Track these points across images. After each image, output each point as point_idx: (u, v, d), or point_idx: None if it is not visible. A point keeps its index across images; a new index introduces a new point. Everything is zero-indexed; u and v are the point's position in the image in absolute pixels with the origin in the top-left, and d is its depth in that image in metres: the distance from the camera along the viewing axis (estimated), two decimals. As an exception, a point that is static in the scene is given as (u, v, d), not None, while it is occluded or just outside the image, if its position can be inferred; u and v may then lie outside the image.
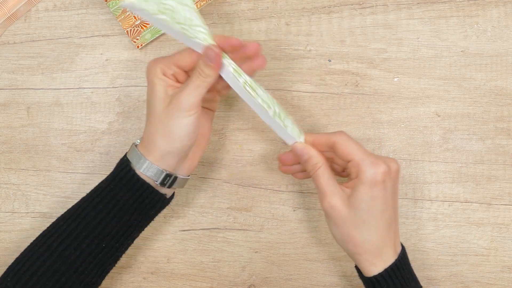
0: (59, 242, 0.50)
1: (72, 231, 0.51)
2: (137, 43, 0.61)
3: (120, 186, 0.51)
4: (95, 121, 0.62)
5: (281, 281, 0.61)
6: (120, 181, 0.51)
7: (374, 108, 0.60)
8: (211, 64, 0.47)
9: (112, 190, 0.51)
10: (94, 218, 0.51)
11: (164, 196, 0.53)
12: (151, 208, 0.52)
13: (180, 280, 0.62)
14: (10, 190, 0.63)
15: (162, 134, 0.49)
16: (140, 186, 0.50)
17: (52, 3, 0.63)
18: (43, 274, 0.49)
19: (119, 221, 0.51)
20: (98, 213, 0.51)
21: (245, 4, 0.61)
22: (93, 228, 0.50)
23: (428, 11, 0.60)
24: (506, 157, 0.59)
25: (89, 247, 0.50)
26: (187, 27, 0.47)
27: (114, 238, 0.51)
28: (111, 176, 0.52)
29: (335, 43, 0.60)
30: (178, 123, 0.48)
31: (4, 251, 0.63)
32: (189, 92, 0.48)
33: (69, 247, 0.50)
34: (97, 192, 0.52)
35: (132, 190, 0.51)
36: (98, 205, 0.51)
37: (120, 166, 0.52)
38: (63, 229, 0.51)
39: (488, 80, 0.59)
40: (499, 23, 0.59)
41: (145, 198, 0.51)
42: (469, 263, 0.59)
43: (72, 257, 0.50)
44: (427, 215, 0.60)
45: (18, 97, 0.63)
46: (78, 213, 0.51)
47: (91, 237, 0.50)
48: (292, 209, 0.61)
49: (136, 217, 0.52)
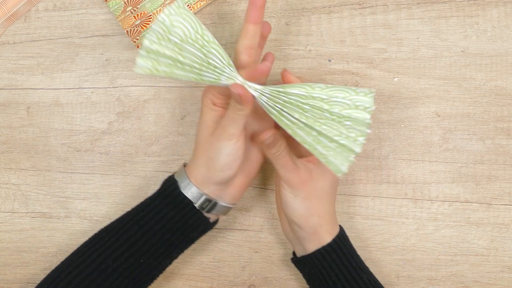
0: (98, 254, 0.50)
1: (113, 243, 0.51)
2: (137, 43, 0.61)
3: (165, 203, 0.51)
4: (95, 121, 0.62)
5: (281, 281, 0.61)
6: (166, 198, 0.51)
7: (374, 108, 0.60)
8: (239, 101, 0.47)
9: (157, 206, 0.51)
10: (135, 232, 0.51)
11: (207, 220, 0.52)
12: (194, 229, 0.52)
13: (180, 280, 0.62)
14: (10, 190, 0.63)
15: (204, 160, 0.50)
16: (185, 205, 0.51)
17: (52, 3, 0.63)
18: (79, 284, 0.49)
19: (160, 239, 0.51)
20: (140, 228, 0.51)
21: (245, 4, 0.61)
22: (133, 242, 0.50)
23: (428, 11, 0.60)
24: (506, 157, 0.59)
25: (127, 261, 0.50)
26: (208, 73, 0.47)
27: (153, 256, 0.51)
28: (157, 193, 0.52)
29: (335, 43, 0.60)
30: (217, 151, 0.49)
31: (4, 251, 0.63)
32: (226, 123, 0.49)
33: (107, 259, 0.50)
34: (142, 207, 0.52)
35: (177, 208, 0.51)
36: (141, 220, 0.51)
37: (167, 183, 0.52)
38: (105, 241, 0.51)
39: (488, 80, 0.59)
40: (499, 23, 0.59)
41: (189, 218, 0.51)
42: (469, 263, 0.59)
43: (109, 270, 0.50)
44: (427, 215, 0.60)
45: (18, 97, 0.63)
46: (121, 226, 0.52)
47: (131, 252, 0.50)
48: (292, 209, 0.61)
49: (178, 236, 0.51)
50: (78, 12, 0.63)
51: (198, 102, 0.62)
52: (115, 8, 0.61)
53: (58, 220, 0.63)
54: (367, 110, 0.47)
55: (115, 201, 0.62)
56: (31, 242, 0.63)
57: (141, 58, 0.46)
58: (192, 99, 0.62)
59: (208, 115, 0.51)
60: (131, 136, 0.62)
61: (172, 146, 0.62)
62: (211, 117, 0.51)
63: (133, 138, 0.62)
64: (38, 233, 0.63)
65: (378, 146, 0.60)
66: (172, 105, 0.62)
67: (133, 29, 0.61)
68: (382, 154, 0.60)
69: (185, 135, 0.62)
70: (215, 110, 0.51)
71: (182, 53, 0.46)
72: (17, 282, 0.63)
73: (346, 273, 0.51)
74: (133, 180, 0.62)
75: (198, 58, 0.47)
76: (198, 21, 0.47)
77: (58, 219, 0.63)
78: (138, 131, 0.62)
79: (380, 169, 0.60)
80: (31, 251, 0.62)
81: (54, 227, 0.62)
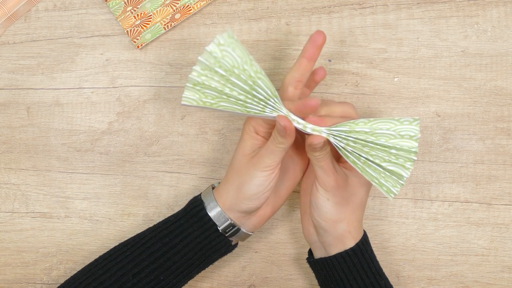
0: (119, 267, 0.50)
1: (134, 258, 0.51)
2: (137, 43, 0.61)
3: (190, 223, 0.51)
4: (95, 121, 0.62)
5: (281, 281, 0.61)
6: (192, 218, 0.51)
7: (374, 108, 0.60)
8: (283, 134, 0.47)
9: (182, 225, 0.51)
10: (158, 249, 0.51)
11: (230, 242, 0.53)
12: (216, 251, 0.52)
13: (180, 280, 0.62)
14: (10, 190, 0.63)
15: (235, 186, 0.50)
16: (210, 226, 0.51)
17: (52, 3, 0.63)
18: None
19: (182, 257, 0.51)
20: (163, 245, 0.51)
21: (245, 4, 0.61)
22: (155, 259, 0.50)
23: (428, 11, 0.60)
24: (506, 157, 0.59)
25: (147, 277, 0.50)
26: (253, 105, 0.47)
27: (174, 274, 0.51)
28: (182, 212, 0.53)
29: (335, 43, 0.60)
30: (250, 180, 0.49)
31: (4, 251, 0.63)
32: (264, 154, 0.49)
33: (127, 274, 0.50)
34: (166, 224, 0.52)
35: (202, 229, 0.51)
36: (165, 238, 0.51)
37: (193, 203, 0.52)
38: (126, 255, 0.51)
39: (488, 80, 0.59)
40: (499, 23, 0.59)
41: (213, 240, 0.51)
42: (469, 263, 0.59)
43: (128, 284, 0.50)
44: (427, 215, 0.60)
45: (18, 97, 0.63)
46: (143, 242, 0.52)
47: (152, 268, 0.50)
48: (292, 209, 0.61)
49: (200, 256, 0.52)
50: (78, 12, 0.63)
51: (198, 102, 0.62)
52: (115, 8, 0.61)
53: (58, 220, 0.63)
54: (413, 139, 0.47)
55: (115, 201, 0.62)
56: (31, 242, 0.63)
57: (188, 91, 0.47)
58: (192, 99, 0.62)
59: (248, 142, 0.51)
60: (131, 136, 0.62)
61: (172, 146, 0.62)
62: (251, 145, 0.51)
63: (133, 138, 0.62)
64: (38, 233, 0.63)
65: (378, 146, 0.60)
66: (172, 105, 0.62)
67: (133, 29, 0.61)
68: (382, 154, 0.60)
69: (185, 135, 0.62)
70: (256, 139, 0.51)
71: (227, 85, 0.46)
72: (17, 282, 0.63)
73: (365, 277, 0.51)
74: (133, 180, 0.62)
75: (243, 90, 0.47)
76: (246, 51, 0.47)
77: (58, 219, 0.63)
78: (138, 131, 0.62)
79: (380, 169, 0.60)
80: (31, 251, 0.62)
81: (54, 227, 0.62)
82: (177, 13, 0.61)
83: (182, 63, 0.62)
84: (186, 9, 0.61)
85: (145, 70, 0.62)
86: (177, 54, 0.62)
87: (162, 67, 0.62)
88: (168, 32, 0.62)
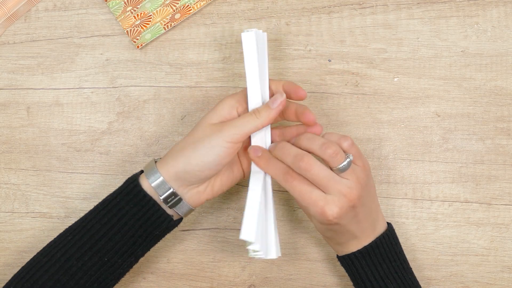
0: (62, 253, 0.50)
1: (76, 242, 0.50)
2: (137, 43, 0.61)
3: (126, 200, 0.51)
4: (95, 121, 0.62)
5: (281, 281, 0.61)
6: (127, 195, 0.51)
7: (374, 108, 0.60)
8: (272, 107, 0.48)
9: (118, 203, 0.51)
10: (98, 231, 0.50)
11: (170, 217, 0.52)
12: (156, 227, 0.52)
13: (180, 280, 0.62)
14: (10, 190, 0.63)
15: (188, 152, 0.49)
16: (147, 202, 0.50)
17: (52, 3, 0.63)
18: (44, 284, 0.49)
19: (123, 236, 0.50)
20: (102, 226, 0.50)
21: (245, 4, 0.61)
22: (96, 241, 0.50)
23: (428, 11, 0.60)
24: (506, 157, 0.59)
25: (91, 260, 0.50)
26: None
27: (117, 254, 0.51)
28: (118, 190, 0.52)
29: (335, 43, 0.60)
30: (211, 146, 0.48)
31: (4, 251, 0.63)
32: (235, 124, 0.49)
33: (71, 258, 0.50)
34: (104, 204, 0.52)
35: (138, 205, 0.50)
36: (103, 218, 0.51)
37: (129, 180, 0.52)
38: (68, 240, 0.51)
39: (488, 80, 0.59)
40: (499, 23, 0.59)
41: (151, 215, 0.51)
42: (469, 263, 0.59)
43: (73, 269, 0.50)
44: (427, 215, 0.60)
45: (18, 97, 0.63)
46: (84, 225, 0.51)
47: (94, 250, 0.50)
48: (292, 209, 0.61)
49: (141, 234, 0.51)
50: (78, 12, 0.63)
51: (198, 102, 0.62)
52: (115, 8, 0.61)
53: (58, 220, 0.63)
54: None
55: (115, 201, 0.62)
56: (31, 242, 0.63)
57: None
58: (192, 99, 0.62)
59: (221, 112, 0.50)
60: (131, 136, 0.62)
61: (172, 146, 0.62)
62: (220, 116, 0.50)
63: (133, 138, 0.62)
64: (38, 233, 0.63)
65: (378, 146, 0.60)
66: (172, 105, 0.62)
67: (133, 29, 0.61)
68: (382, 154, 0.60)
69: (185, 135, 0.62)
70: (230, 114, 0.51)
71: None
72: (17, 282, 0.63)
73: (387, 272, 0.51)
74: (133, 180, 0.62)
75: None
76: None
77: (58, 219, 0.63)
78: (138, 131, 0.62)
79: (380, 169, 0.60)
80: (31, 251, 0.62)
81: (54, 227, 0.62)
82: (177, 13, 0.61)
83: (182, 63, 0.62)
84: (186, 9, 0.61)
85: (145, 70, 0.62)
86: (177, 54, 0.62)
87: (162, 67, 0.62)
88: (168, 32, 0.62)
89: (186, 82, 0.62)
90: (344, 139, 0.49)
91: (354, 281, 0.54)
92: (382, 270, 0.51)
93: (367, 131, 0.60)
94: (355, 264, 0.52)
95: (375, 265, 0.51)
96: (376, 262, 0.51)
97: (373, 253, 0.51)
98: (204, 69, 0.62)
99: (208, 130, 0.49)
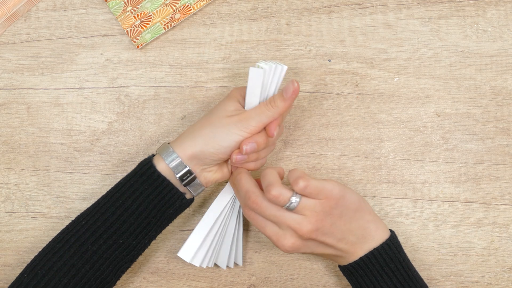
0: (76, 238, 0.51)
1: (90, 226, 0.51)
2: (137, 43, 0.61)
3: (140, 182, 0.52)
4: (95, 121, 0.62)
5: (281, 281, 0.61)
6: (141, 176, 0.52)
7: (374, 108, 0.60)
8: (285, 97, 0.50)
9: (132, 185, 0.52)
10: (113, 213, 0.51)
11: (183, 195, 0.53)
12: (170, 206, 0.53)
13: (179, 280, 0.62)
14: (10, 190, 0.63)
15: (205, 135, 0.51)
16: (161, 182, 0.51)
17: (52, 3, 0.63)
18: (59, 269, 0.50)
19: (138, 217, 0.51)
20: (117, 208, 0.51)
21: (245, 4, 0.61)
22: (111, 223, 0.51)
23: (428, 11, 0.60)
24: (506, 157, 0.59)
25: (106, 243, 0.51)
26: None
27: (132, 235, 0.51)
28: (132, 172, 0.53)
29: (335, 43, 0.60)
30: (228, 133, 0.51)
31: (4, 251, 0.63)
32: (252, 115, 0.51)
33: (86, 243, 0.50)
34: (117, 187, 0.53)
35: (153, 186, 0.51)
36: (118, 201, 0.51)
37: (142, 163, 0.53)
38: (82, 224, 0.51)
39: (488, 80, 0.59)
40: (499, 23, 0.59)
41: (165, 195, 0.52)
42: (469, 263, 0.59)
43: (88, 253, 0.50)
44: (427, 215, 0.60)
45: (18, 97, 0.63)
46: (97, 209, 0.52)
47: (109, 233, 0.51)
48: (292, 209, 0.61)
49: (155, 214, 0.52)
50: (78, 12, 0.63)
51: (198, 102, 0.62)
52: (115, 8, 0.61)
53: (58, 220, 0.63)
54: None
55: (115, 201, 0.62)
56: (31, 242, 0.63)
57: None
58: (192, 99, 0.62)
59: (233, 103, 0.52)
60: (131, 136, 0.62)
61: (172, 146, 0.62)
62: (234, 106, 0.52)
63: (133, 138, 0.62)
64: (38, 233, 0.63)
65: (378, 146, 0.60)
66: (172, 105, 0.62)
67: (133, 29, 0.61)
68: (382, 154, 0.60)
69: (185, 135, 0.62)
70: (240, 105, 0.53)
71: None
72: (17, 282, 0.63)
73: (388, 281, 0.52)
74: (133, 180, 0.62)
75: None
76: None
77: (58, 219, 0.63)
78: (138, 131, 0.62)
79: (380, 169, 0.60)
80: (31, 251, 0.62)
81: (54, 227, 0.62)
82: (177, 13, 0.61)
83: (182, 63, 0.62)
84: (186, 9, 0.61)
85: (145, 70, 0.62)
86: (177, 54, 0.62)
87: (162, 67, 0.62)
88: (168, 32, 0.62)
89: (186, 82, 0.62)
90: (295, 183, 0.48)
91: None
92: (383, 280, 0.52)
93: (367, 131, 0.60)
94: (354, 274, 0.53)
95: (374, 276, 0.52)
96: (375, 272, 0.52)
97: (371, 263, 0.52)
98: (204, 69, 0.62)
99: (224, 120, 0.51)
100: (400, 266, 0.52)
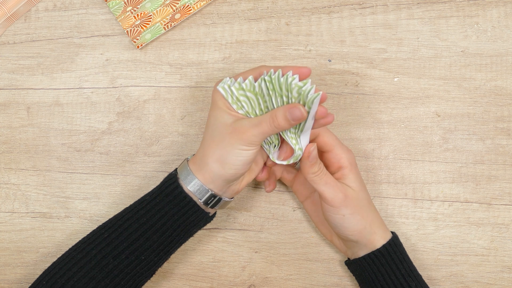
0: (98, 250, 0.50)
1: (113, 240, 0.51)
2: (137, 43, 0.61)
3: (166, 201, 0.51)
4: (95, 121, 0.62)
5: (281, 281, 0.61)
6: (167, 196, 0.51)
7: (374, 108, 0.60)
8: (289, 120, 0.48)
9: (158, 204, 0.51)
10: (136, 230, 0.51)
11: (208, 214, 0.53)
12: (195, 225, 0.53)
13: (180, 280, 0.62)
14: (10, 190, 0.63)
15: (217, 158, 0.49)
16: (187, 203, 0.51)
17: (52, 3, 0.63)
18: (79, 280, 0.49)
19: (161, 236, 0.51)
20: (141, 225, 0.51)
21: (245, 4, 0.61)
22: (134, 240, 0.50)
23: (428, 11, 0.60)
24: (506, 157, 0.59)
25: (128, 258, 0.50)
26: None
27: (154, 252, 0.51)
28: (157, 190, 0.52)
29: (335, 43, 0.60)
30: (237, 153, 0.49)
31: (4, 251, 0.63)
32: (255, 133, 0.48)
33: (107, 256, 0.50)
34: (142, 204, 0.52)
35: (178, 206, 0.51)
36: (142, 218, 0.51)
37: (168, 181, 0.52)
38: (104, 237, 0.51)
39: (488, 80, 0.59)
40: (499, 23, 0.59)
41: (190, 215, 0.51)
42: (469, 263, 0.59)
43: (109, 266, 0.50)
44: (427, 215, 0.60)
45: (18, 97, 0.63)
46: (121, 223, 0.51)
47: (131, 249, 0.50)
48: (292, 209, 0.61)
49: (179, 233, 0.52)
50: (78, 12, 0.63)
51: (198, 102, 0.62)
52: (115, 8, 0.61)
53: (58, 220, 0.63)
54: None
55: (115, 201, 0.62)
56: (31, 242, 0.63)
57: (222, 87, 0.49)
58: (192, 99, 0.62)
59: (227, 115, 0.49)
60: (131, 136, 0.62)
61: (172, 146, 0.62)
62: (230, 118, 0.49)
63: (133, 138, 0.62)
64: (38, 233, 0.63)
65: (378, 146, 0.60)
66: (172, 105, 0.62)
67: (133, 29, 0.61)
68: (382, 154, 0.60)
69: (185, 135, 0.62)
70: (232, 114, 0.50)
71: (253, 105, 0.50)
72: (17, 282, 0.63)
73: (394, 278, 0.52)
74: (133, 180, 0.62)
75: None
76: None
77: (58, 219, 0.63)
78: (138, 131, 0.62)
79: (380, 169, 0.60)
80: (31, 251, 0.62)
81: (54, 227, 0.62)
82: (177, 13, 0.61)
83: (182, 63, 0.62)
84: (186, 9, 0.61)
85: (145, 70, 0.62)
86: (177, 54, 0.62)
87: (162, 67, 0.62)
88: (168, 32, 0.62)
89: (186, 82, 0.62)
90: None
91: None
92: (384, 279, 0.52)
93: (367, 131, 0.60)
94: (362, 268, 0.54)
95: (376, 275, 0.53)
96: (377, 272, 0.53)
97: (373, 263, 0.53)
98: (204, 69, 0.62)
99: (228, 140, 0.49)
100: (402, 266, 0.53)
